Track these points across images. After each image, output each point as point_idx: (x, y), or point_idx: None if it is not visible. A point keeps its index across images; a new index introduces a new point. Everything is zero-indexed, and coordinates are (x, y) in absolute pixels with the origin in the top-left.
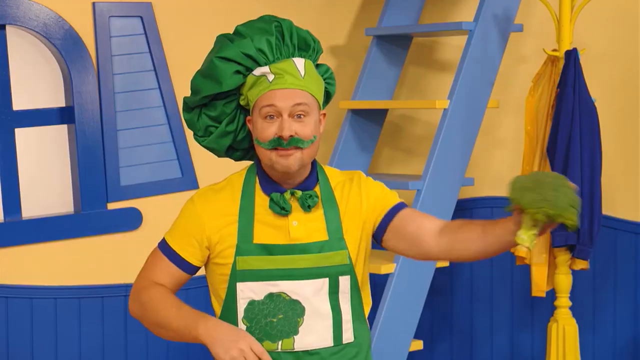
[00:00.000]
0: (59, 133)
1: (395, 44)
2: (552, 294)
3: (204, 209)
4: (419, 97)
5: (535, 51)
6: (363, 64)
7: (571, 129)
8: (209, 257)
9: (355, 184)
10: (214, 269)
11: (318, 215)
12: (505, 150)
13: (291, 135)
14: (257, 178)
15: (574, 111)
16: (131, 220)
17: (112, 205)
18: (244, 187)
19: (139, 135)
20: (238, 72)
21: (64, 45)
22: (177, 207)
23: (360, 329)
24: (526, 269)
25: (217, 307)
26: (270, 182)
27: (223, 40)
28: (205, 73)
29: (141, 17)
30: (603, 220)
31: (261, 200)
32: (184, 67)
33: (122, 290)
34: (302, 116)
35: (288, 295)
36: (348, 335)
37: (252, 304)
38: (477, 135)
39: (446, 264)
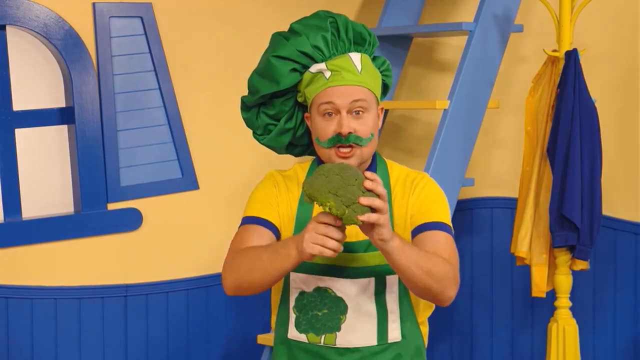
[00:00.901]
0: (59, 133)
1: (395, 44)
2: (552, 295)
3: (279, 185)
4: (419, 98)
5: (536, 51)
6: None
7: (571, 129)
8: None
9: (417, 184)
10: None
11: None
12: (506, 150)
13: (350, 132)
14: None
15: (574, 111)
16: (131, 221)
17: (112, 206)
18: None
19: (139, 135)
20: (295, 70)
21: (64, 45)
22: (178, 208)
23: (410, 329)
24: (526, 270)
25: (276, 294)
26: None
27: (278, 38)
28: (263, 72)
29: (141, 18)
30: (603, 220)
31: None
32: (184, 68)
33: (122, 291)
34: (360, 112)
35: (333, 292)
36: (395, 335)
37: (302, 294)
38: (477, 135)
39: None
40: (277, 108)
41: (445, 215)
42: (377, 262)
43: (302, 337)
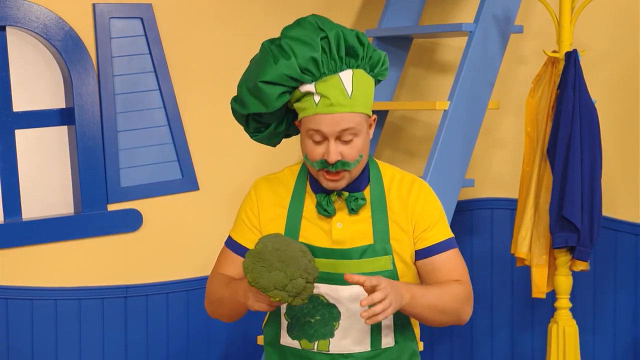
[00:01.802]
0: (59, 134)
1: (395, 45)
2: (552, 296)
3: (260, 199)
4: (419, 99)
5: (536, 52)
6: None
7: (571, 130)
8: None
9: (415, 193)
10: None
11: (365, 217)
12: (506, 151)
13: (337, 160)
14: (308, 176)
15: (574, 112)
16: (131, 222)
17: (112, 207)
18: (296, 183)
19: (139, 136)
20: (284, 92)
21: (64, 46)
22: (178, 208)
23: (403, 333)
24: (526, 271)
25: None
26: (319, 182)
27: (267, 56)
28: (252, 92)
29: (141, 19)
30: (603, 221)
31: (310, 198)
32: (184, 68)
33: (122, 292)
34: (349, 138)
35: (326, 299)
36: (388, 340)
37: None
38: (477, 136)
39: None
40: (266, 118)
41: (446, 227)
42: (371, 269)
43: (295, 344)
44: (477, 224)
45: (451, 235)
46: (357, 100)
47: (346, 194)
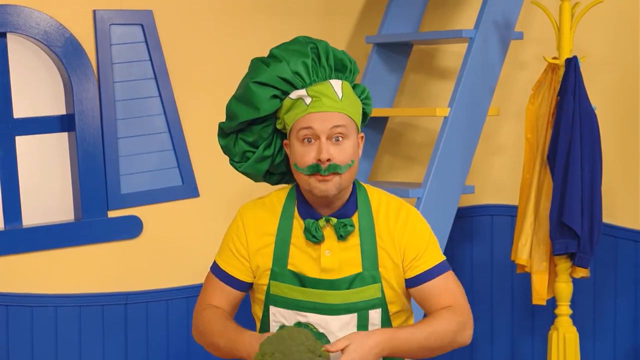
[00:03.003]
0: (59, 141)
1: (395, 52)
2: (552, 302)
3: (247, 226)
4: (420, 105)
5: (536, 58)
6: (363, 71)
7: (571, 136)
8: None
9: (401, 222)
10: (254, 288)
11: (353, 244)
12: (506, 157)
13: (329, 160)
14: (295, 201)
15: (574, 119)
16: (131, 228)
17: (112, 213)
18: (283, 208)
19: (140, 142)
20: (275, 96)
21: (65, 52)
22: (178, 215)
23: (392, 358)
24: (527, 277)
25: (257, 324)
26: (307, 207)
27: (258, 64)
28: (242, 98)
29: (142, 25)
30: (603, 228)
31: (298, 224)
32: (184, 75)
33: (122, 299)
34: (340, 139)
35: (315, 328)
36: None
37: (282, 328)
38: (478, 142)
39: None
40: (255, 135)
41: (436, 252)
42: (360, 298)
43: None
44: (477, 231)
45: (442, 258)
46: (347, 105)
47: (334, 220)
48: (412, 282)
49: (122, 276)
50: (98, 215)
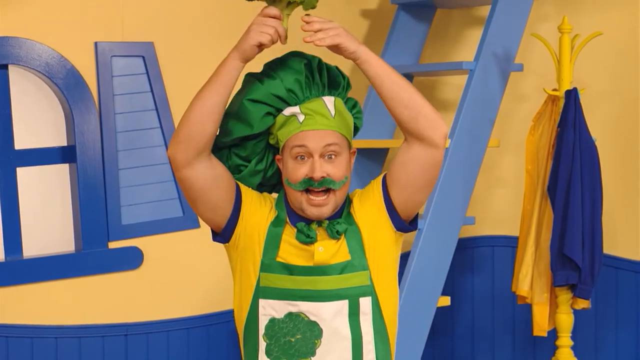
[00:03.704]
0: (60, 172)
1: None
2: (553, 334)
3: (265, 197)
4: None
5: (536, 90)
6: (364, 102)
7: (572, 168)
8: (232, 254)
9: (357, 201)
10: (241, 280)
11: (342, 238)
12: (506, 189)
13: (323, 177)
14: (285, 209)
15: (575, 150)
16: (132, 259)
17: (113, 244)
18: (277, 206)
19: (141, 174)
20: (269, 113)
21: (66, 84)
22: (179, 246)
23: (383, 349)
24: (528, 309)
25: (240, 323)
26: (297, 215)
27: (252, 80)
28: (236, 115)
29: (143, 57)
30: (604, 259)
31: (290, 229)
32: (185, 106)
33: (123, 330)
34: (333, 157)
35: (307, 316)
36: (370, 357)
37: (272, 321)
38: (478, 174)
39: (448, 303)
40: (248, 150)
41: (378, 178)
42: (350, 284)
43: None
44: (478, 262)
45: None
46: (340, 122)
47: (327, 222)
48: (386, 199)
49: (123, 307)
50: (99, 246)
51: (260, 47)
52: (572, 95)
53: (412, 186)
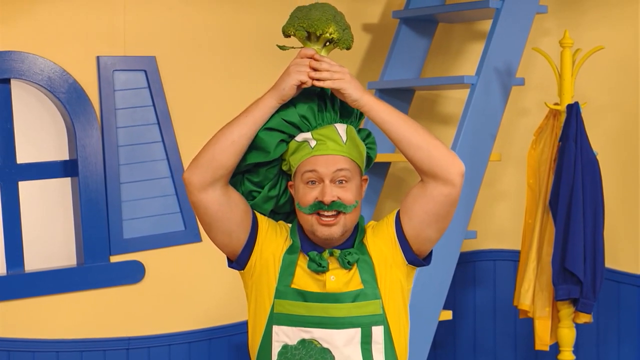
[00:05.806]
0: (62, 186)
1: (397, 97)
2: (555, 348)
3: (280, 227)
4: None
5: (537, 105)
6: (365, 118)
7: (573, 182)
8: (247, 281)
9: (371, 232)
10: (256, 306)
11: (355, 268)
12: (508, 203)
13: (333, 200)
14: (298, 237)
15: (576, 164)
16: (134, 273)
17: (115, 258)
18: (291, 235)
19: (142, 188)
20: (282, 140)
21: (68, 98)
22: (180, 260)
23: None
24: (529, 323)
25: (254, 349)
26: (310, 243)
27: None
28: (251, 144)
29: (145, 71)
30: (606, 273)
31: (302, 257)
32: (187, 120)
33: (124, 344)
34: (344, 182)
35: (319, 343)
36: None
37: (285, 348)
38: (480, 188)
39: (449, 317)
40: (261, 176)
41: (392, 213)
42: (363, 313)
43: None
44: (480, 276)
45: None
46: (351, 149)
47: (338, 251)
48: (399, 234)
49: (124, 321)
50: (100, 260)
51: (300, 86)
52: (573, 110)
53: (425, 221)
